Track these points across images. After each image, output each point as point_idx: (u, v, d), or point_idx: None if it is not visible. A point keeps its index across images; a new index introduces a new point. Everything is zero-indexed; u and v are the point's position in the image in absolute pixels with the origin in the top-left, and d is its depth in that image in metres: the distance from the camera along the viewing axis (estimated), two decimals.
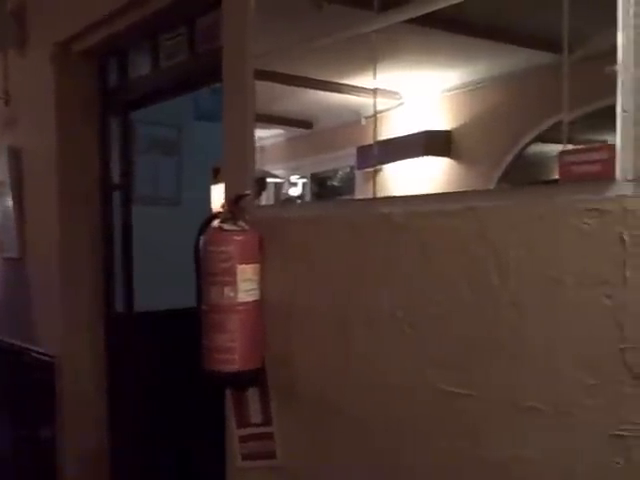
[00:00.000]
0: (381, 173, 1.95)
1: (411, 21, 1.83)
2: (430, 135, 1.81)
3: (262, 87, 2.36)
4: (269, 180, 2.40)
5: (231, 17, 2.45)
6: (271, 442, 2.31)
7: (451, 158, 1.75)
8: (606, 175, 1.40)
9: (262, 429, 2.35)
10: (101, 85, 3.81)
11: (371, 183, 1.96)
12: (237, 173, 2.44)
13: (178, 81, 3.31)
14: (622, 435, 1.41)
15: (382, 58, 1.91)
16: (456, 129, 1.73)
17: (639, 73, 1.35)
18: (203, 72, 3.02)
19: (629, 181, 1.37)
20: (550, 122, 1.54)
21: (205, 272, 2.25)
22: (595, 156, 1.43)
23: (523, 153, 1.59)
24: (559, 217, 1.49)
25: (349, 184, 2.12)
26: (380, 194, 1.93)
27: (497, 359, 1.62)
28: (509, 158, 1.62)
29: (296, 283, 2.21)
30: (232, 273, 2.19)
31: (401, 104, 1.90)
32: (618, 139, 1.38)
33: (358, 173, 2.03)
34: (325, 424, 2.12)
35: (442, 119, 1.76)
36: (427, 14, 1.78)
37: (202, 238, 2.31)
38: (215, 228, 2.27)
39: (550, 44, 1.51)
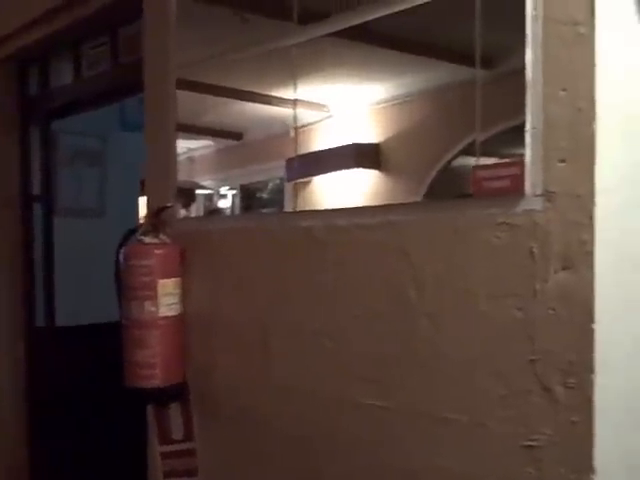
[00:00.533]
0: (310, 185, 1.96)
1: (338, 35, 1.84)
2: (359, 147, 1.82)
3: (190, 98, 2.34)
4: (198, 192, 2.38)
5: (152, 27, 2.42)
6: (193, 459, 2.29)
7: (380, 171, 1.76)
8: (516, 190, 1.43)
9: (184, 445, 2.32)
10: (22, 93, 3.72)
11: (301, 195, 1.97)
12: (159, 185, 2.41)
13: (101, 91, 3.26)
14: (532, 445, 1.44)
15: (310, 71, 1.92)
16: (384, 142, 1.75)
17: (547, 90, 1.39)
18: (126, 82, 2.98)
19: (538, 196, 1.40)
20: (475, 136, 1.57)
21: (125, 286, 2.21)
22: (506, 172, 1.46)
23: (449, 166, 1.61)
24: (472, 231, 1.52)
25: (279, 196, 2.12)
26: (309, 206, 1.94)
27: (413, 371, 1.63)
28: (435, 171, 1.64)
29: (218, 297, 2.19)
30: (153, 287, 2.16)
31: (330, 116, 1.91)
32: (527, 155, 1.41)
33: (287, 185, 2.02)
34: (247, 439, 2.11)
35: (371, 132, 1.78)
36: (354, 28, 1.80)
37: (122, 251, 2.28)
38: (135, 241, 2.24)
39: (475, 60, 1.53)
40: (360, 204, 1.79)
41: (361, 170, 1.82)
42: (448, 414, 1.58)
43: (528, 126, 1.40)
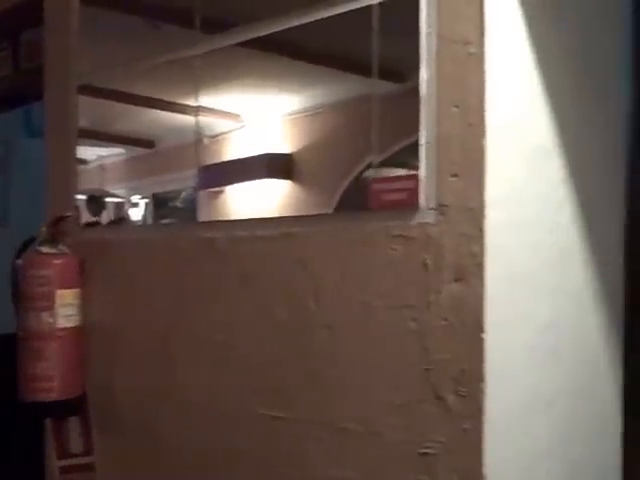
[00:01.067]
0: (223, 195, 1.94)
1: (249, 45, 1.84)
2: (272, 158, 1.82)
3: (99, 105, 2.30)
4: (108, 200, 2.33)
5: (52, 33, 2.37)
6: (92, 473, 2.24)
7: (293, 181, 1.77)
8: (411, 203, 1.46)
9: (83, 460, 2.26)
10: None
11: (214, 205, 1.95)
12: (59, 193, 2.36)
13: (1, 97, 3.17)
14: (427, 453, 1.47)
15: (223, 80, 1.91)
16: (297, 153, 1.75)
17: (440, 106, 1.42)
18: (27, 88, 2.90)
19: (431, 209, 1.44)
20: (389, 150, 1.59)
21: (22, 296, 2.15)
22: (402, 185, 1.49)
23: (360, 178, 1.62)
24: (370, 243, 1.54)
25: (192, 205, 2.10)
26: (222, 217, 1.92)
27: (312, 382, 1.64)
28: (346, 182, 1.65)
29: (119, 308, 2.16)
30: (51, 298, 2.11)
31: (243, 126, 1.90)
32: (422, 169, 1.44)
33: (201, 194, 2.00)
34: (147, 453, 2.07)
35: (284, 142, 1.78)
36: (264, 39, 1.80)
37: (19, 261, 2.22)
38: (33, 251, 2.18)
39: (386, 73, 1.55)
40: (267, 215, 1.79)
41: (274, 180, 1.82)
42: (345, 424, 1.59)
43: (422, 141, 1.44)
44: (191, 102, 2.01)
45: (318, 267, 1.63)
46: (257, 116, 1.87)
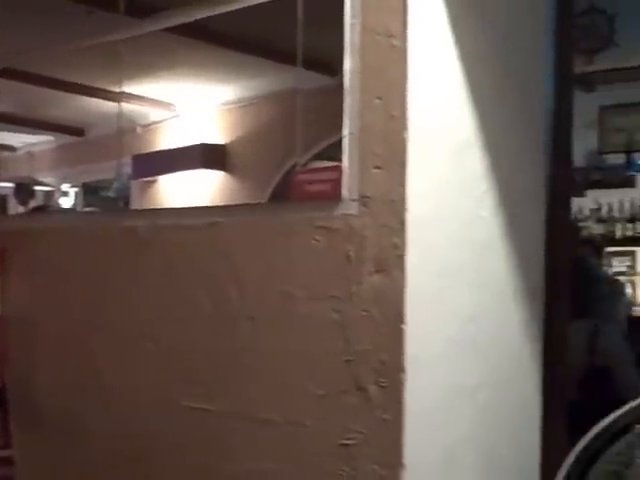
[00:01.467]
0: (157, 184, 1.91)
1: (182, 33, 1.81)
2: (206, 148, 1.80)
3: (24, 90, 2.23)
4: (38, 188, 2.27)
5: None
6: (10, 467, 2.18)
7: (227, 172, 1.75)
8: (334, 195, 1.46)
9: (1, 453, 2.20)
10: None
11: (147, 194, 1.92)
12: None
13: None
14: (347, 444, 1.47)
15: (155, 69, 1.88)
16: (231, 143, 1.74)
17: (364, 98, 1.42)
18: None
19: (354, 200, 1.44)
20: (324, 142, 1.58)
21: None
22: (326, 176, 1.49)
23: (294, 170, 1.61)
24: (293, 234, 1.54)
25: (125, 195, 2.06)
26: (155, 206, 1.89)
27: (234, 372, 1.63)
28: (280, 175, 1.64)
29: (40, 298, 2.10)
30: None
31: (177, 116, 1.87)
32: (345, 160, 1.44)
33: (134, 184, 1.97)
34: (70, 445, 2.03)
35: (218, 133, 1.76)
36: (195, 27, 1.77)
37: None
38: None
39: (319, 65, 1.55)
40: (210, 204, 1.77)
41: (207, 171, 1.80)
42: (268, 415, 1.58)
43: (345, 132, 1.44)
44: (123, 90, 1.97)
45: (241, 258, 1.62)
46: (191, 106, 1.85)
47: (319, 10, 1.49)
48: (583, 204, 5.98)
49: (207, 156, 1.81)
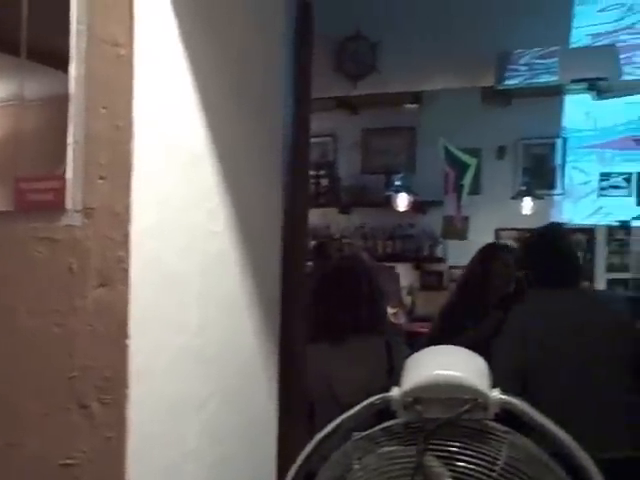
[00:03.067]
0: None
1: None
2: None
3: None
4: None
5: None
6: None
7: None
8: (58, 205, 1.41)
9: None
10: None
11: None
12: None
13: None
14: (70, 464, 1.42)
15: None
16: None
17: (89, 106, 1.39)
18: None
19: (78, 212, 1.39)
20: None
21: None
22: (49, 185, 1.43)
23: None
24: (15, 245, 1.46)
25: None
26: None
27: None
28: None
29: None
30: None
31: None
32: (69, 170, 1.40)
33: None
34: None
35: None
36: None
37: None
38: None
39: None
40: None
41: None
42: None
43: (70, 140, 1.39)
44: None
45: None
46: None
47: (44, 13, 1.44)
48: (349, 222, 6.29)
49: None
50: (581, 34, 5.03)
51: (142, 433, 1.41)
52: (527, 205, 5.57)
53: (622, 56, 4.88)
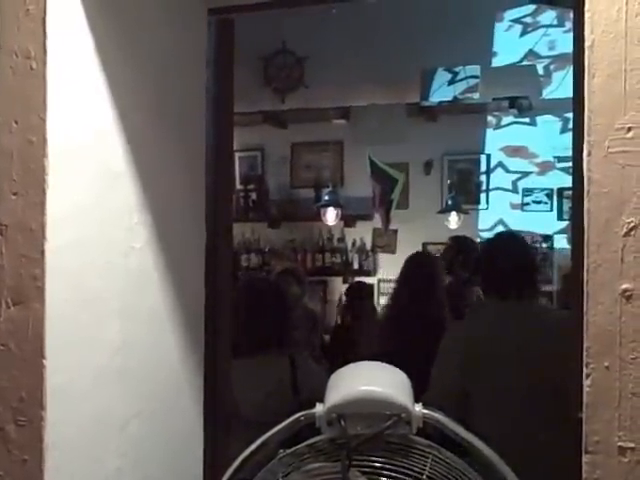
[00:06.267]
0: None
1: None
2: None
3: None
4: None
5: None
6: None
7: None
8: None
9: None
10: None
11: None
12: None
13: None
14: None
15: None
16: None
17: (1, 120, 1.35)
18: None
19: None
20: None
21: None
22: None
23: None
24: None
25: None
26: None
27: None
28: None
29: None
30: None
31: None
32: None
33: None
34: None
35: None
36: None
37: None
38: None
39: None
40: None
41: None
42: None
43: None
44: None
45: None
46: None
47: None
48: (279, 235, 6.27)
49: None
50: (503, 53, 5.15)
51: (60, 455, 1.38)
52: (453, 219, 5.66)
53: (542, 75, 5.02)
